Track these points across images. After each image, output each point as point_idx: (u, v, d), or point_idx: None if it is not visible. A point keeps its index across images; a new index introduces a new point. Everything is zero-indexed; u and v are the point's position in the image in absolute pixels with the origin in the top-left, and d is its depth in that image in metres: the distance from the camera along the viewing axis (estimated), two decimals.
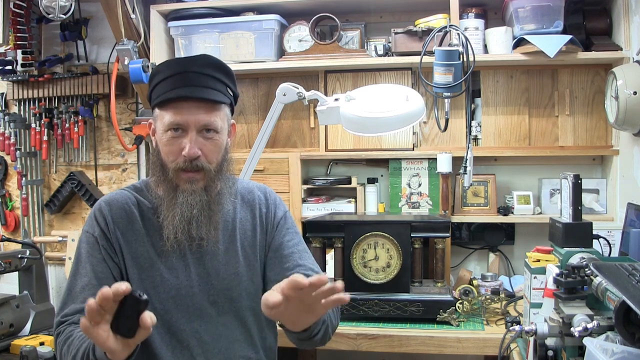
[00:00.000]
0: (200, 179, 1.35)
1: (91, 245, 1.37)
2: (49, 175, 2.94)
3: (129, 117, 2.82)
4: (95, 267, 1.34)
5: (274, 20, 2.41)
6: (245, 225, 1.47)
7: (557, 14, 2.18)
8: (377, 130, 1.85)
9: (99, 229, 1.37)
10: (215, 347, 1.38)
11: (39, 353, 1.88)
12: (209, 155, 1.35)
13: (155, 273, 1.36)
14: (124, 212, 1.39)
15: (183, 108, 1.32)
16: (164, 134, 1.34)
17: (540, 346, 1.35)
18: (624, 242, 1.87)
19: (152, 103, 1.38)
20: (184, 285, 1.36)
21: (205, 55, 1.41)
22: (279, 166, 2.42)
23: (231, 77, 1.41)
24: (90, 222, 1.40)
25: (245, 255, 1.44)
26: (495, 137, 2.40)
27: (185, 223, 1.33)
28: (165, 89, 1.33)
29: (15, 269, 2.23)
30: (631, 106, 1.87)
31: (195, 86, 1.32)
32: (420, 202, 2.42)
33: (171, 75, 1.34)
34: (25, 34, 2.73)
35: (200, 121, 1.32)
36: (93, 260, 1.35)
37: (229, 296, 1.40)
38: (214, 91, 1.35)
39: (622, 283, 1.12)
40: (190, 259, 1.38)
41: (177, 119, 1.32)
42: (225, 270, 1.40)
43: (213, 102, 1.34)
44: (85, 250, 1.36)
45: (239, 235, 1.45)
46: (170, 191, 1.35)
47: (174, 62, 1.39)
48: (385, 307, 1.96)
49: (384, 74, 2.47)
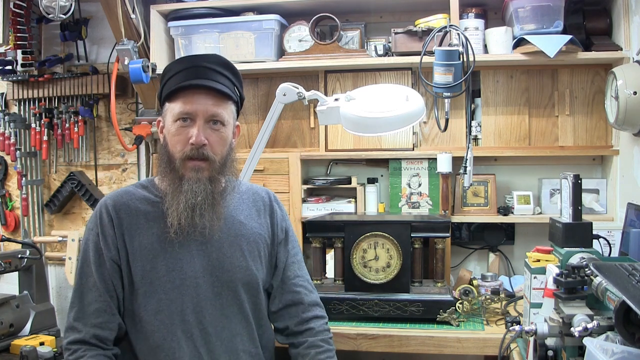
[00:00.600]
0: (206, 168, 1.39)
1: (95, 244, 1.40)
2: (49, 175, 2.94)
3: (129, 117, 2.82)
4: (100, 268, 1.38)
5: (274, 20, 2.41)
6: (251, 223, 1.51)
7: (557, 14, 2.18)
8: (377, 130, 1.85)
9: (102, 226, 1.40)
10: (218, 339, 1.40)
11: (39, 353, 1.88)
12: (215, 145, 1.40)
13: (161, 264, 1.38)
14: (128, 207, 1.42)
15: (193, 97, 1.37)
16: (172, 125, 1.39)
17: (540, 346, 1.35)
18: (624, 242, 1.87)
19: (162, 99, 1.43)
20: (188, 276, 1.38)
21: (215, 54, 1.47)
22: (279, 166, 2.42)
23: (239, 78, 1.48)
24: (94, 219, 1.43)
25: (250, 250, 1.47)
26: (495, 137, 2.40)
27: (189, 210, 1.36)
28: (176, 82, 1.39)
29: (15, 269, 2.23)
30: (631, 106, 1.87)
31: (206, 78, 1.39)
32: (420, 202, 2.42)
33: (182, 70, 1.40)
34: (25, 34, 2.73)
35: (208, 111, 1.38)
36: (99, 260, 1.39)
37: (233, 288, 1.43)
38: (222, 85, 1.41)
39: (622, 283, 1.12)
40: (195, 250, 1.40)
41: (186, 108, 1.37)
42: (229, 263, 1.43)
43: (221, 95, 1.40)
44: (91, 249, 1.40)
45: (244, 231, 1.48)
46: (176, 181, 1.39)
47: (185, 58, 1.47)
48: (385, 307, 1.96)
49: (384, 74, 2.47)
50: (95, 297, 1.37)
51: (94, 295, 1.37)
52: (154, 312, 1.36)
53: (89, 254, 1.40)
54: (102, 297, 1.37)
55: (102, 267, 1.38)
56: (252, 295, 1.46)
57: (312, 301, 1.56)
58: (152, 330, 1.36)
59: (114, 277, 1.38)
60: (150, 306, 1.37)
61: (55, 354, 1.93)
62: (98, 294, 1.37)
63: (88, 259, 1.40)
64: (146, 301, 1.37)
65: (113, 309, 1.38)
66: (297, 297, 1.54)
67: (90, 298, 1.37)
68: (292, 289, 1.54)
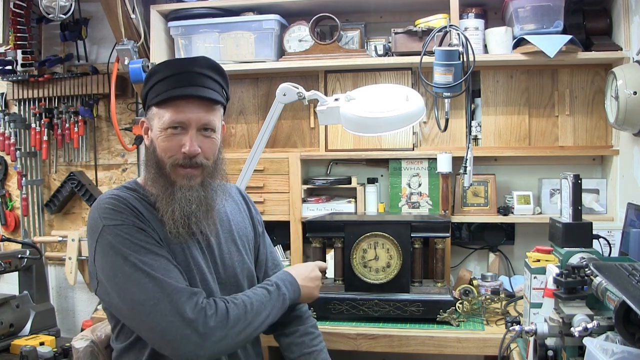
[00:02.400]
0: (198, 175, 1.38)
1: (130, 233, 1.28)
2: (49, 175, 2.94)
3: (129, 117, 2.82)
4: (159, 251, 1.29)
5: (274, 20, 2.41)
6: (237, 218, 1.56)
7: (557, 14, 2.18)
8: (377, 130, 1.85)
9: (127, 213, 1.30)
10: None
11: (39, 353, 1.88)
12: (207, 152, 1.39)
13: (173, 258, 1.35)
14: (131, 203, 1.37)
15: (185, 107, 1.34)
16: (162, 132, 1.35)
17: (540, 346, 1.35)
18: (624, 242, 1.87)
19: (148, 102, 1.39)
20: (198, 272, 1.38)
21: (204, 57, 1.43)
22: (279, 166, 2.42)
23: (226, 80, 1.46)
24: (110, 213, 1.30)
25: (243, 245, 1.53)
26: (495, 137, 2.40)
27: (185, 218, 1.35)
28: (166, 88, 1.35)
29: (15, 269, 2.23)
30: (631, 106, 1.87)
31: (198, 86, 1.36)
32: (420, 202, 2.42)
33: (172, 75, 1.35)
34: (25, 34, 2.73)
35: (201, 120, 1.36)
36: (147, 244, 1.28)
37: (237, 283, 1.46)
38: (213, 91, 1.39)
39: (622, 283, 1.12)
40: (196, 249, 1.40)
41: (179, 117, 1.34)
42: (229, 259, 1.46)
43: (212, 102, 1.38)
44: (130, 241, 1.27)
45: (233, 226, 1.52)
46: (168, 187, 1.36)
47: (174, 62, 1.43)
48: (385, 307, 1.96)
49: (384, 74, 2.47)
50: (177, 275, 1.27)
51: (175, 275, 1.27)
52: None
53: (130, 246, 1.25)
54: (179, 271, 1.29)
55: (159, 249, 1.29)
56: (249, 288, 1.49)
57: None
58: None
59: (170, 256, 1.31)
60: None
61: (55, 354, 1.93)
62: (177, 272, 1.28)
63: (134, 251, 1.25)
64: None
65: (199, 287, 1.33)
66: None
67: (174, 277, 1.26)
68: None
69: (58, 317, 2.47)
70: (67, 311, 2.93)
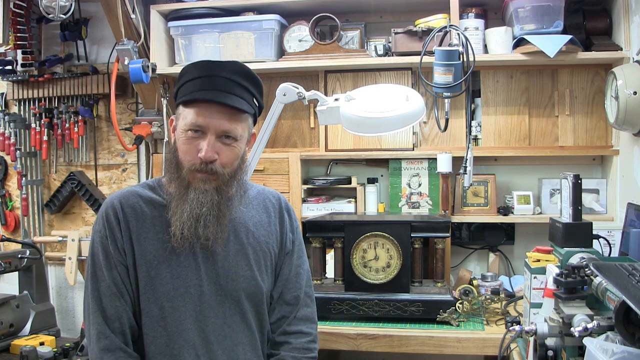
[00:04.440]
0: (214, 179, 1.36)
1: (104, 247, 1.37)
2: (49, 175, 2.94)
3: (129, 117, 2.82)
4: (112, 272, 1.36)
5: (274, 20, 2.41)
6: (260, 231, 1.47)
7: (557, 14, 2.18)
8: (377, 130, 1.85)
9: (110, 229, 1.37)
10: (219, 348, 1.38)
11: (39, 353, 1.88)
12: (225, 161, 1.35)
13: (165, 271, 1.35)
14: (134, 210, 1.39)
15: (206, 111, 1.32)
16: (183, 133, 1.35)
17: (540, 346, 1.35)
18: (624, 242, 1.87)
19: (177, 100, 1.39)
20: (193, 284, 1.36)
21: (236, 62, 1.41)
22: (279, 166, 2.42)
23: (259, 88, 1.43)
24: (101, 221, 1.39)
25: (256, 260, 1.44)
26: (495, 137, 2.40)
27: (193, 220, 1.33)
28: (192, 89, 1.34)
29: (15, 269, 2.23)
30: (631, 106, 1.87)
31: (222, 91, 1.33)
32: (420, 202, 2.42)
33: (200, 77, 1.34)
34: (25, 34, 2.73)
35: (220, 126, 1.33)
36: (109, 263, 1.36)
37: (236, 298, 1.40)
38: (240, 99, 1.35)
39: (622, 283, 1.12)
40: (200, 258, 1.38)
41: (198, 121, 1.32)
42: (234, 272, 1.40)
43: (236, 110, 1.35)
44: (100, 252, 1.37)
45: (251, 239, 1.45)
46: (182, 188, 1.35)
47: (204, 64, 1.39)
48: (385, 307, 1.96)
49: (384, 74, 2.47)
50: (111, 301, 1.34)
51: (111, 299, 1.34)
52: (157, 319, 1.34)
53: (98, 257, 1.36)
54: (119, 300, 1.34)
55: (114, 271, 1.35)
56: (256, 305, 1.44)
57: (302, 315, 1.52)
58: (154, 337, 1.34)
59: (125, 280, 1.35)
60: (153, 313, 1.35)
61: (55, 354, 1.93)
62: (115, 297, 1.34)
63: (99, 262, 1.36)
64: (149, 307, 1.35)
65: (129, 312, 1.36)
66: (289, 310, 1.51)
67: (106, 302, 1.34)
68: (288, 302, 1.51)
69: (58, 317, 2.47)
70: (67, 311, 2.93)
